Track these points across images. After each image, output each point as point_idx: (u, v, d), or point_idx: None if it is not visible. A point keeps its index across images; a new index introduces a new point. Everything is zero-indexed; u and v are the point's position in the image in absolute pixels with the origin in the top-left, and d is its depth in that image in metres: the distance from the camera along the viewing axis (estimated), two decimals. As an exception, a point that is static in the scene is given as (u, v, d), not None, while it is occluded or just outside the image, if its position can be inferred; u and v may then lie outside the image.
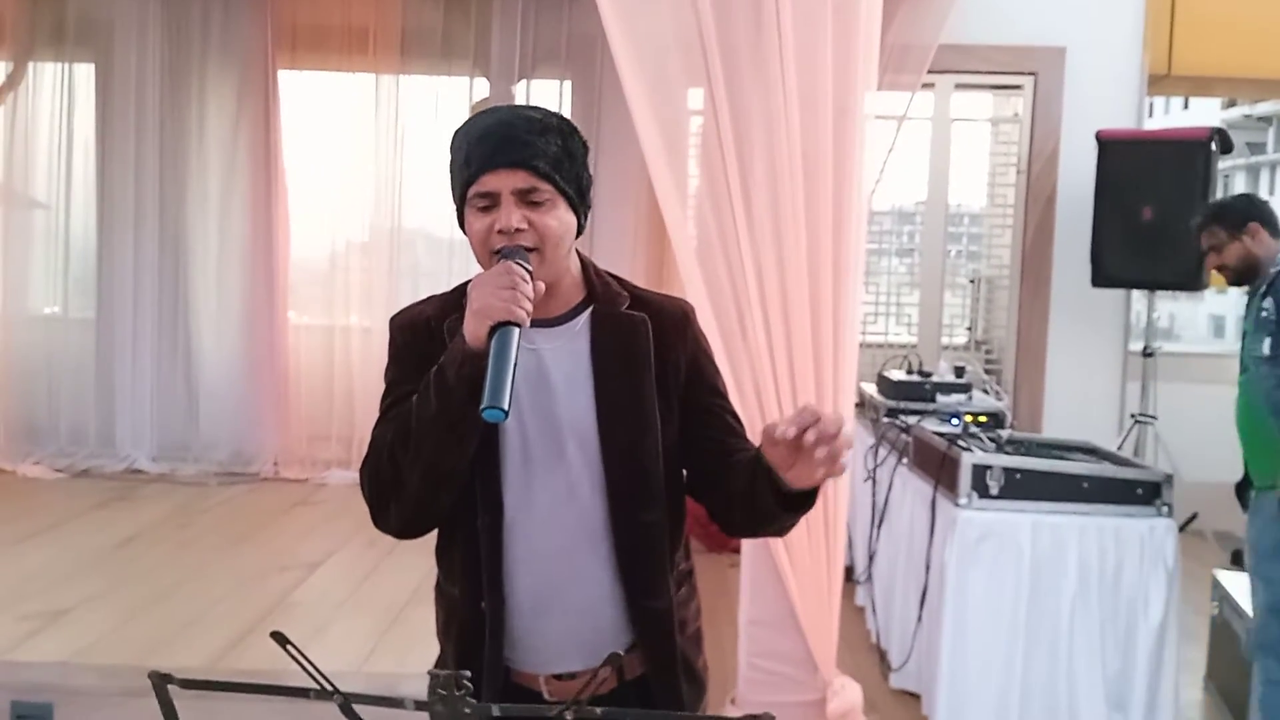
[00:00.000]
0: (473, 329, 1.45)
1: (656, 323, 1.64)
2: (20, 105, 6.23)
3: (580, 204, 1.60)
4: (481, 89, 6.17)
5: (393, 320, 1.68)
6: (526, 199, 1.53)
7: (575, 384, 1.60)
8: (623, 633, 1.60)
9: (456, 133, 1.60)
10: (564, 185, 1.55)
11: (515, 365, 1.39)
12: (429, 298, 1.69)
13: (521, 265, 1.49)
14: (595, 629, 1.59)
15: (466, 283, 1.62)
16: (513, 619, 1.59)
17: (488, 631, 1.58)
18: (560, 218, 1.55)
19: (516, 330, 1.43)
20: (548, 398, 1.59)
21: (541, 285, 1.50)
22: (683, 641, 1.66)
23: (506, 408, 1.34)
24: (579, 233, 1.62)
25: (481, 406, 1.35)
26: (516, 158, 1.52)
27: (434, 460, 1.50)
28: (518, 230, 1.52)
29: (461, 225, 1.59)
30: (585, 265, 1.68)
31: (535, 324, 1.51)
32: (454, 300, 1.61)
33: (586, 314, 1.63)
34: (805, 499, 1.52)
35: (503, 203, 1.53)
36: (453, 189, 1.59)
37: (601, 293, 1.65)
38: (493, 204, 1.54)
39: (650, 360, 1.62)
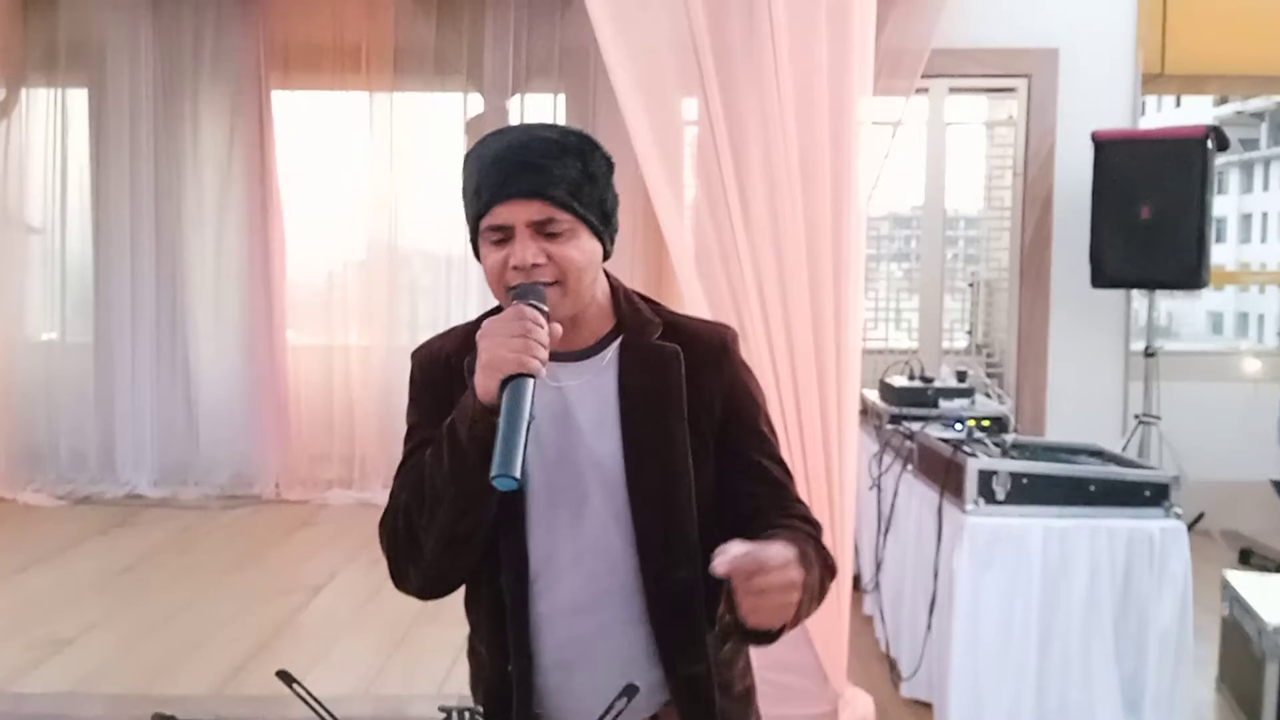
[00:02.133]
0: (482, 384, 1.33)
1: (690, 354, 1.50)
2: (14, 131, 6.22)
3: (605, 229, 1.47)
4: (475, 104, 6.16)
5: (414, 355, 1.58)
6: (543, 230, 1.40)
7: (602, 425, 1.48)
8: (657, 691, 1.49)
9: (468, 156, 1.47)
10: (584, 212, 1.42)
11: (530, 422, 1.28)
12: (450, 330, 1.58)
13: (535, 307, 1.36)
14: None
15: (490, 311, 1.52)
16: (540, 677, 1.49)
17: (515, 695, 1.48)
18: (582, 247, 1.43)
19: (531, 382, 1.31)
20: (573, 440, 1.47)
21: (558, 328, 1.38)
22: (726, 704, 1.53)
23: (519, 475, 1.24)
24: (605, 257, 1.50)
25: (491, 475, 1.24)
26: (530, 187, 1.39)
27: (450, 525, 1.40)
28: (534, 265, 1.39)
29: (477, 254, 1.47)
30: (615, 290, 1.55)
31: (559, 357, 1.40)
32: (475, 333, 1.46)
33: (614, 345, 1.51)
34: (760, 635, 1.36)
35: (517, 236, 1.40)
36: (466, 216, 1.47)
37: (631, 321, 1.52)
38: (507, 237, 1.41)
39: (682, 398, 1.48)
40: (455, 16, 6.07)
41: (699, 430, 1.49)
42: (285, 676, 1.04)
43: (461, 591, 1.58)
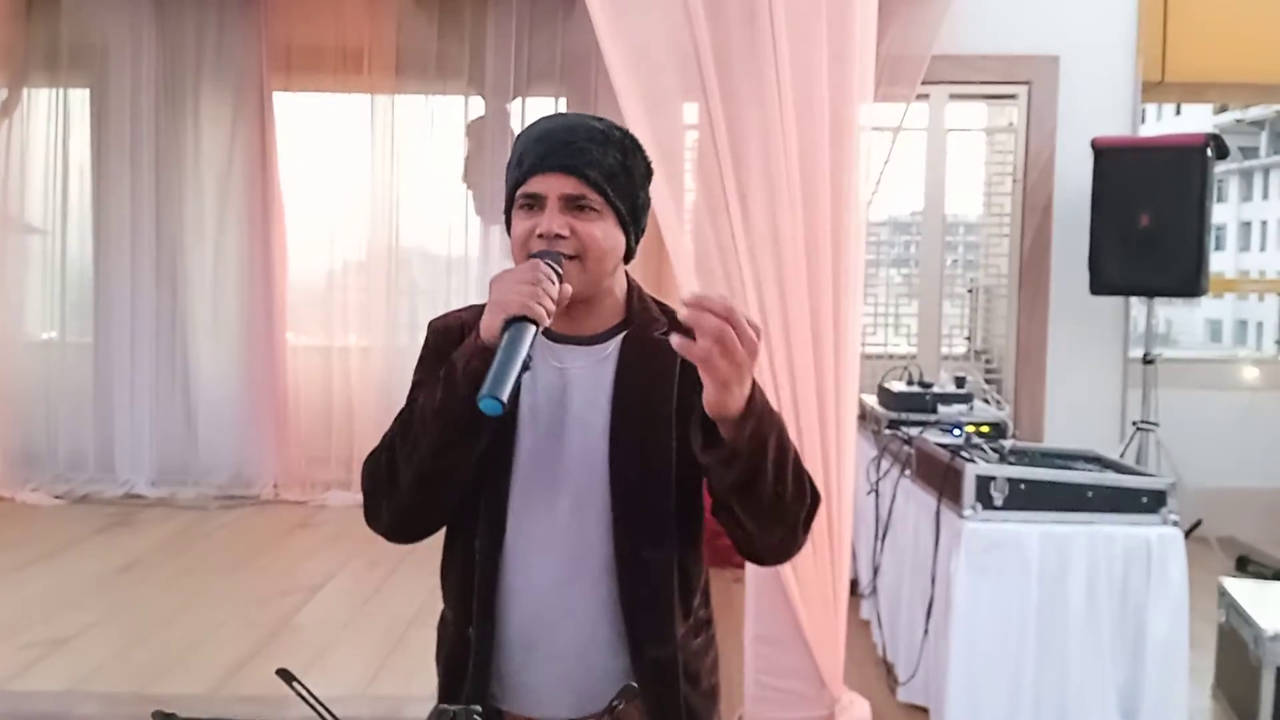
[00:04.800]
0: (487, 321, 1.38)
1: None
2: (15, 131, 6.24)
3: (632, 224, 1.53)
4: (477, 107, 6.18)
5: (431, 323, 1.63)
6: (573, 205, 1.47)
7: (594, 408, 1.53)
8: (622, 678, 1.49)
9: (520, 134, 1.56)
10: (615, 199, 1.49)
11: (527, 362, 1.31)
12: (470, 305, 1.63)
13: (551, 266, 1.41)
14: (588, 674, 1.51)
15: None
16: (501, 652, 1.52)
17: (472, 663, 1.51)
18: (606, 230, 1.49)
19: (533, 328, 1.35)
20: (564, 418, 1.52)
21: (569, 289, 1.42)
22: (693, 696, 1.55)
23: (504, 399, 1.26)
24: (629, 256, 1.56)
25: (479, 395, 1.26)
26: (568, 162, 1.46)
27: (430, 457, 1.43)
28: (558, 236, 1.45)
29: (508, 227, 1.53)
30: (631, 289, 1.62)
31: (567, 341, 1.46)
32: None
33: (619, 338, 1.57)
34: (723, 442, 1.38)
35: (547, 206, 1.47)
36: (505, 188, 1.54)
37: (639, 318, 1.58)
38: (538, 206, 1.48)
39: (673, 390, 1.53)
40: (457, 19, 6.09)
41: (686, 421, 1.52)
42: (285, 674, 1.05)
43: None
